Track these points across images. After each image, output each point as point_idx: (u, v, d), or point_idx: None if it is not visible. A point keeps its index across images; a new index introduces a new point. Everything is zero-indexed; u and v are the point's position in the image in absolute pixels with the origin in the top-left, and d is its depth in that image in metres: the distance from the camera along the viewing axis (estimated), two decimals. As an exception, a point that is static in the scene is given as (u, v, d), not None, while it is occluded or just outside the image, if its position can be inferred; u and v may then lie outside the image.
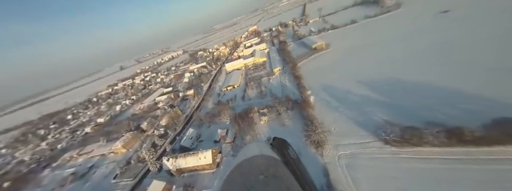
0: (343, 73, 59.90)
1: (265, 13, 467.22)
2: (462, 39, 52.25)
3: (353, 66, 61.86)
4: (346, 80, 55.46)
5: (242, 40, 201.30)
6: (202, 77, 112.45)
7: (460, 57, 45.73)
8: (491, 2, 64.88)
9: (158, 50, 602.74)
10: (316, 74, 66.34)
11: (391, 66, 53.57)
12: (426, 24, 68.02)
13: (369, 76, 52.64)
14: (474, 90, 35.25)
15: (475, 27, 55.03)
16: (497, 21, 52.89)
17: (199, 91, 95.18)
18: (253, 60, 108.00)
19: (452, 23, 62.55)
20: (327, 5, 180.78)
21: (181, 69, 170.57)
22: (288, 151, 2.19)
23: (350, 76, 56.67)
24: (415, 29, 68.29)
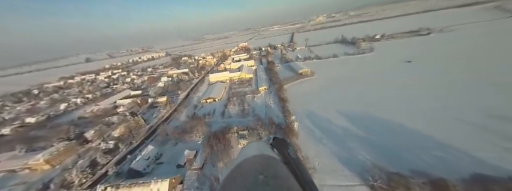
0: (327, 102, 60.75)
1: (256, 33, 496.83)
2: (426, 86, 59.88)
3: (336, 96, 63.82)
4: (330, 109, 55.78)
5: (231, 53, 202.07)
6: (181, 84, 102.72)
7: (426, 103, 50.97)
8: (443, 56, 79.94)
9: (138, 47, 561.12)
10: (302, 99, 66.04)
11: (368, 102, 56.61)
12: (396, 69, 77.99)
13: (350, 109, 54.01)
14: (443, 138, 37.69)
15: (435, 77, 64.58)
16: (452, 71, 63.91)
17: (174, 99, 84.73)
18: (239, 75, 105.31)
19: (415, 71, 72.92)
20: (313, 37, 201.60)
21: (158, 71, 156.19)
22: (288, 151, 2.16)
23: (333, 106, 57.49)
24: (388, 72, 77.32)
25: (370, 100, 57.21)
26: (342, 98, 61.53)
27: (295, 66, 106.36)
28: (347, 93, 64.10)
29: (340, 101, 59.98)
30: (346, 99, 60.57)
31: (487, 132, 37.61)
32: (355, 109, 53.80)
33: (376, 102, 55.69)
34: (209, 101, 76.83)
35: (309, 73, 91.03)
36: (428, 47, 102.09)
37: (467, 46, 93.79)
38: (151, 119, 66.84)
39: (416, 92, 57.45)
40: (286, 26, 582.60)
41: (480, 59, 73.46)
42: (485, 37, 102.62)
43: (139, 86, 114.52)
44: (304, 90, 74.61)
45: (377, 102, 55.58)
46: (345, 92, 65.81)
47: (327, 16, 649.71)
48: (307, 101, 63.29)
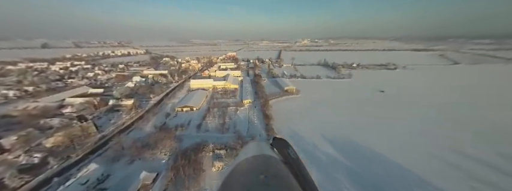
0: (311, 123, 59.26)
1: (246, 45, 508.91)
2: (400, 117, 64.18)
3: (320, 118, 63.20)
4: (314, 132, 54.00)
5: (218, 61, 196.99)
6: (156, 87, 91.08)
7: (402, 134, 53.49)
8: (409, 89, 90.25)
9: (114, 41, 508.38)
10: (286, 117, 63.43)
11: (350, 128, 57.10)
12: (372, 97, 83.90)
13: (334, 133, 53.26)
14: (420, 173, 38.25)
15: (406, 109, 70.43)
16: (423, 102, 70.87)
17: (143, 104, 72.90)
18: (224, 85, 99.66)
19: (388, 101, 79.32)
20: (298, 57, 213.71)
21: (131, 70, 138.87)
22: (288, 151, 2.18)
23: (317, 128, 56.12)
24: (364, 99, 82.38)
25: (352, 126, 57.82)
26: (325, 121, 61.02)
27: (281, 82, 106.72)
28: (330, 117, 64.26)
29: (324, 124, 59.24)
30: (329, 122, 60.19)
31: (454, 169, 39.79)
32: (338, 134, 53.14)
33: (357, 129, 56.37)
34: (185, 110, 68.02)
35: (295, 91, 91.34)
36: (396, 80, 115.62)
37: (427, 82, 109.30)
38: (107, 126, 54.21)
39: (391, 121, 60.70)
40: (274, 43, 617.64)
41: (438, 94, 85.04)
42: (439, 76, 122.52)
43: (102, 84, 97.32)
44: (289, 108, 72.86)
45: (358, 129, 56.31)
46: (328, 115, 66.02)
47: (311, 40, 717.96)
48: (292, 121, 60.85)
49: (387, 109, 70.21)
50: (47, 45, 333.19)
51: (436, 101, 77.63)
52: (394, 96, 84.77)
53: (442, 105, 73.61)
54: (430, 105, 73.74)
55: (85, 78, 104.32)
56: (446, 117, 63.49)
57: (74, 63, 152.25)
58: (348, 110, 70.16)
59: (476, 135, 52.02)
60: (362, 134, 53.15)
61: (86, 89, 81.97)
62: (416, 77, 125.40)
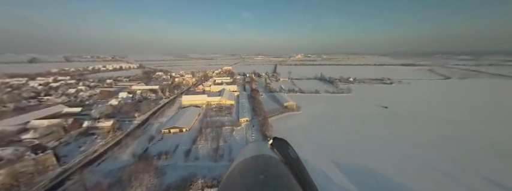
0: (317, 146, 52.08)
1: (241, 60, 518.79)
2: (408, 136, 58.43)
3: (325, 139, 56.30)
4: (322, 157, 46.60)
5: (213, 75, 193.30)
6: (143, 104, 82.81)
7: (412, 156, 47.13)
8: (411, 104, 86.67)
9: (108, 55, 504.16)
10: (289, 139, 54.62)
11: (359, 150, 50.47)
12: (376, 114, 78.95)
13: (342, 157, 46.36)
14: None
15: (414, 127, 65.26)
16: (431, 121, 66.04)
17: (124, 125, 63.81)
18: (219, 100, 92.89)
19: (393, 118, 74.43)
20: (294, 72, 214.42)
21: (119, 85, 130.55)
22: (288, 151, 2.17)
23: (325, 152, 48.96)
24: (369, 116, 77.16)
25: (360, 148, 51.16)
26: (331, 142, 54.14)
27: (279, 97, 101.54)
28: (336, 137, 57.59)
29: (332, 146, 52.24)
30: (337, 144, 53.26)
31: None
32: (347, 157, 46.16)
33: (366, 150, 49.71)
34: (174, 132, 59.41)
35: (295, 107, 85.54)
36: (396, 95, 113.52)
37: (426, 97, 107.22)
38: (73, 156, 44.37)
39: (399, 141, 54.70)
40: (269, 57, 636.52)
41: (443, 110, 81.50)
42: (436, 91, 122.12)
43: (82, 101, 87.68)
44: (291, 127, 65.91)
45: (367, 150, 49.66)
46: (333, 134, 59.36)
47: (304, 55, 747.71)
48: (296, 142, 53.23)
49: (397, 128, 64.64)
50: (35, 60, 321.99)
51: (445, 118, 73.24)
52: (399, 113, 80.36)
53: (453, 122, 69.14)
54: (441, 122, 69.08)
55: (64, 95, 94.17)
56: (462, 135, 58.32)
57: (58, 78, 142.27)
58: (354, 129, 63.99)
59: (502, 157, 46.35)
60: (370, 156, 46.46)
61: (61, 108, 72.09)
62: (414, 91, 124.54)
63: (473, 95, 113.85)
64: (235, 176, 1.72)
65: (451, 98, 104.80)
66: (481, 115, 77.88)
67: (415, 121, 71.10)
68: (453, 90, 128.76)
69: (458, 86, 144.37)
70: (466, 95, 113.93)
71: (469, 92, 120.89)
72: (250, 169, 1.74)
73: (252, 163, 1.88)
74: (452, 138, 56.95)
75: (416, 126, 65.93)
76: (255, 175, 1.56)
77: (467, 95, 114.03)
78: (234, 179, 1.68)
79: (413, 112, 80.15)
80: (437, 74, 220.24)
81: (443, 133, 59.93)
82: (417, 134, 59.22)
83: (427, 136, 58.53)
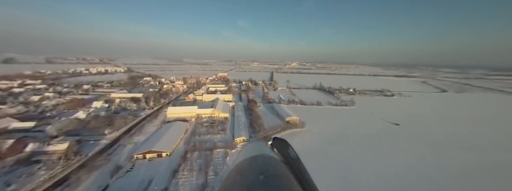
0: (331, 179, 41.12)
1: (237, 66, 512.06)
2: (434, 164, 49.16)
3: (339, 167, 45.81)
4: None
5: (207, 82, 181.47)
6: (119, 117, 69.12)
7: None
8: (423, 121, 79.16)
9: (95, 57, 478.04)
10: None
11: (381, 183, 39.94)
12: (388, 133, 69.80)
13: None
14: None
15: (435, 151, 56.45)
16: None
17: (86, 146, 49.88)
18: (211, 113, 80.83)
19: (409, 139, 65.63)
20: (291, 80, 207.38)
21: (97, 91, 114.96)
22: (287, 151, 2.17)
23: (338, 185, 38.19)
24: (381, 135, 68.05)
25: (382, 180, 40.94)
26: (345, 171, 43.78)
27: (279, 110, 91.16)
28: (350, 164, 47.25)
29: (345, 176, 41.79)
30: (351, 174, 42.82)
31: None
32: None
33: (390, 184, 39.47)
34: (150, 157, 46.38)
35: (298, 123, 75.16)
36: (401, 109, 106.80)
37: (433, 112, 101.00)
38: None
39: (425, 173, 45.13)
40: (265, 64, 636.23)
41: (461, 130, 74.06)
42: (440, 105, 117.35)
43: (42, 113, 72.47)
44: (295, 149, 54.51)
45: (391, 185, 39.43)
46: (346, 160, 48.97)
47: (299, 63, 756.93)
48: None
49: (418, 152, 55.36)
50: (11, 60, 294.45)
51: (468, 142, 64.77)
52: (414, 132, 71.89)
53: (479, 147, 60.84)
54: (466, 147, 60.53)
55: (23, 104, 77.92)
56: (504, 165, 49.71)
57: (26, 82, 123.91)
58: (369, 152, 54.01)
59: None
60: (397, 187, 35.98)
61: (8, 123, 56.42)
62: (418, 105, 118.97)
63: (479, 111, 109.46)
64: (235, 176, 1.72)
65: (460, 115, 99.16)
66: (503, 136, 70.95)
67: (434, 143, 62.44)
68: (456, 105, 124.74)
69: (458, 100, 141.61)
70: (472, 111, 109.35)
71: (473, 108, 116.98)
72: (250, 169, 1.74)
73: (252, 163, 1.85)
74: (494, 168, 48.11)
75: (439, 151, 56.86)
76: (255, 175, 1.56)
77: (473, 111, 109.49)
78: (234, 179, 1.68)
79: (430, 133, 71.77)
80: (432, 87, 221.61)
81: (482, 162, 51.06)
82: (446, 164, 49.86)
83: (467, 166, 48.87)
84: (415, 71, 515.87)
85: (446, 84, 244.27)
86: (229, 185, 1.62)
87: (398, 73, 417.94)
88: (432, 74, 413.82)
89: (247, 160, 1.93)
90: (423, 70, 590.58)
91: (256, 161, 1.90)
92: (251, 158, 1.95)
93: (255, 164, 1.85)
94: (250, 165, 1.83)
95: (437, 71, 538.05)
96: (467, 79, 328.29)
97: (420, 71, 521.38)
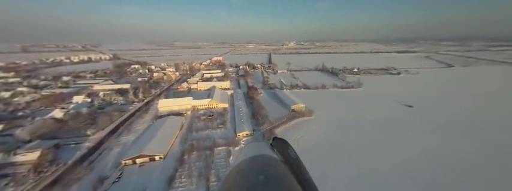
0: (351, 178, 36.49)
1: (232, 48, 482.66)
2: (460, 155, 44.87)
3: (357, 163, 41.07)
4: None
5: (201, 68, 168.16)
6: (104, 113, 60.79)
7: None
8: (437, 101, 74.11)
9: (78, 44, 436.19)
10: (308, 166, 39.58)
11: (408, 181, 35.70)
12: (402, 117, 64.48)
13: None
14: None
15: (458, 137, 52.04)
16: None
17: (66, 152, 42.92)
18: (208, 104, 73.02)
19: (426, 122, 60.68)
20: (291, 61, 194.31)
21: (79, 83, 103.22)
22: (287, 151, 2.17)
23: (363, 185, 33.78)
24: (394, 119, 62.96)
25: (408, 177, 36.68)
26: (364, 167, 39.34)
27: (282, 96, 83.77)
28: (367, 157, 42.64)
29: (365, 173, 37.42)
30: (371, 170, 38.35)
31: None
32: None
33: (417, 181, 35.31)
34: (141, 163, 40.22)
35: (304, 111, 68.71)
36: (411, 88, 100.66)
37: (445, 90, 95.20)
38: None
39: (452, 163, 40.90)
40: (261, 45, 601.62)
41: (478, 109, 69.24)
42: (450, 82, 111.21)
43: (14, 112, 63.31)
44: (306, 143, 49.46)
45: (418, 182, 35.28)
46: (362, 153, 44.21)
47: (297, 43, 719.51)
48: (319, 174, 37.27)
49: (441, 139, 50.54)
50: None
51: (491, 122, 59.73)
52: (429, 114, 66.75)
53: (506, 128, 56.07)
54: (493, 128, 55.17)
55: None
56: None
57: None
58: (387, 142, 49.08)
59: None
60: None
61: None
62: (427, 83, 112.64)
63: (490, 86, 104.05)
64: (235, 177, 1.71)
65: (473, 91, 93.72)
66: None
67: (455, 126, 57.52)
68: (467, 80, 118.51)
69: (467, 75, 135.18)
70: (484, 86, 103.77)
71: (485, 83, 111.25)
72: (250, 169, 1.74)
73: (252, 163, 1.85)
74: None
75: (465, 136, 52.01)
76: (255, 175, 1.56)
77: (485, 86, 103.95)
78: (234, 180, 1.68)
79: (447, 114, 66.52)
80: (437, 62, 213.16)
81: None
82: (479, 153, 45.40)
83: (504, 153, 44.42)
84: (416, 46, 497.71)
85: (450, 59, 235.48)
86: (229, 186, 1.61)
87: (400, 49, 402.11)
88: (434, 49, 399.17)
89: (247, 160, 1.92)
90: (423, 44, 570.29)
91: (256, 161, 1.90)
92: (251, 158, 1.95)
93: (255, 164, 1.84)
94: (250, 165, 1.82)
95: (437, 45, 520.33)
96: (470, 52, 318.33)
97: (421, 46, 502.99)
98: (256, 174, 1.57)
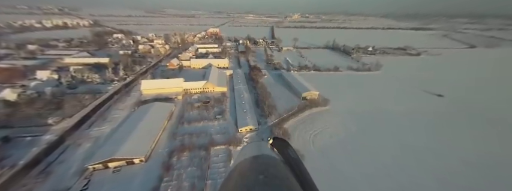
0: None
1: (230, 19, 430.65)
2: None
3: (390, 169, 33.53)
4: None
5: (195, 40, 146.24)
6: (74, 96, 48.56)
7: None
8: (470, 89, 64.65)
9: (54, 6, 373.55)
10: (327, 167, 32.01)
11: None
12: (434, 109, 54.94)
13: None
14: None
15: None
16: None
17: (13, 151, 33.00)
18: (203, 87, 60.79)
19: (466, 118, 51.60)
20: (296, 35, 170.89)
21: (48, 54, 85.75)
22: (288, 151, 2.19)
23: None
24: (427, 111, 53.68)
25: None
26: (401, 179, 31.68)
27: (291, 79, 71.31)
28: (403, 166, 34.82)
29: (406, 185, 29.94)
30: (411, 184, 30.85)
31: None
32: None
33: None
34: (115, 166, 31.13)
35: (318, 99, 58.03)
36: (436, 73, 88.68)
37: (476, 76, 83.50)
38: None
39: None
40: (262, 17, 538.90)
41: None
42: (479, 66, 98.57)
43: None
44: (324, 141, 40.85)
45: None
46: (395, 159, 36.32)
47: (301, 15, 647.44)
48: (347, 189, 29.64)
49: (501, 138, 42.39)
50: None
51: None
52: (467, 105, 57.39)
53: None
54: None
55: None
56: None
57: None
58: (421, 143, 40.96)
59: None
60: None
61: None
62: (453, 67, 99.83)
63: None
64: (236, 177, 1.72)
65: (509, 77, 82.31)
66: None
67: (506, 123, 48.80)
68: (496, 64, 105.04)
69: (495, 58, 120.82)
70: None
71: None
72: (250, 169, 1.75)
73: (252, 163, 1.85)
74: None
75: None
76: (255, 175, 1.57)
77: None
78: (234, 180, 1.69)
79: (491, 106, 56.92)
80: (457, 42, 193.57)
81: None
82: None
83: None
84: (431, 23, 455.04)
85: (469, 38, 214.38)
86: (229, 185, 1.61)
87: (414, 25, 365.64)
88: (451, 26, 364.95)
89: (247, 160, 1.92)
90: (438, 21, 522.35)
91: (256, 161, 1.90)
92: (251, 158, 1.95)
93: (255, 164, 1.84)
94: (251, 165, 1.82)
95: (453, 22, 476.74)
96: (489, 31, 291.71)
97: (436, 23, 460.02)
98: (256, 174, 1.57)
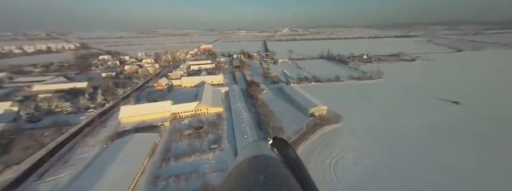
0: None
1: (222, 36, 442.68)
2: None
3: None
4: None
5: (187, 58, 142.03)
6: (29, 134, 38.94)
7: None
8: (483, 95, 60.07)
9: (42, 32, 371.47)
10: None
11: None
12: (456, 120, 48.73)
13: None
14: None
15: None
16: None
17: None
18: (195, 109, 52.70)
19: (494, 131, 45.70)
20: (289, 48, 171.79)
21: (15, 82, 76.42)
22: (288, 151, 2.18)
23: None
24: (448, 125, 47.62)
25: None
26: None
27: (292, 93, 64.88)
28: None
29: None
30: None
31: None
32: None
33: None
34: None
35: (328, 114, 51.00)
36: (439, 78, 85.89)
37: (479, 80, 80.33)
38: None
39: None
40: (253, 32, 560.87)
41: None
42: (475, 69, 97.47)
43: None
44: (348, 172, 32.66)
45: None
46: (445, 187, 28.10)
47: (290, 29, 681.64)
48: None
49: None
50: None
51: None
52: (490, 113, 51.79)
53: None
54: None
55: None
56: None
57: None
58: (465, 166, 33.47)
59: None
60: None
61: None
62: (453, 71, 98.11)
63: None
64: (236, 177, 1.72)
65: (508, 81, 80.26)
66: None
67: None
68: (493, 67, 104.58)
69: (489, 60, 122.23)
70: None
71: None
72: (250, 169, 1.75)
73: (252, 163, 1.85)
74: None
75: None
76: (255, 175, 1.57)
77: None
78: (234, 180, 1.68)
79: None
80: (443, 46, 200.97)
81: None
82: None
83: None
84: (411, 31, 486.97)
85: (453, 43, 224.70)
86: (229, 186, 1.60)
87: (397, 34, 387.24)
88: (431, 33, 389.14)
89: (247, 160, 1.91)
90: (417, 29, 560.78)
91: (256, 161, 1.89)
92: (251, 158, 1.94)
93: (255, 164, 1.83)
94: (251, 165, 1.82)
95: (430, 29, 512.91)
96: (466, 35, 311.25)
97: (415, 30, 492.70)
98: (256, 174, 1.57)
